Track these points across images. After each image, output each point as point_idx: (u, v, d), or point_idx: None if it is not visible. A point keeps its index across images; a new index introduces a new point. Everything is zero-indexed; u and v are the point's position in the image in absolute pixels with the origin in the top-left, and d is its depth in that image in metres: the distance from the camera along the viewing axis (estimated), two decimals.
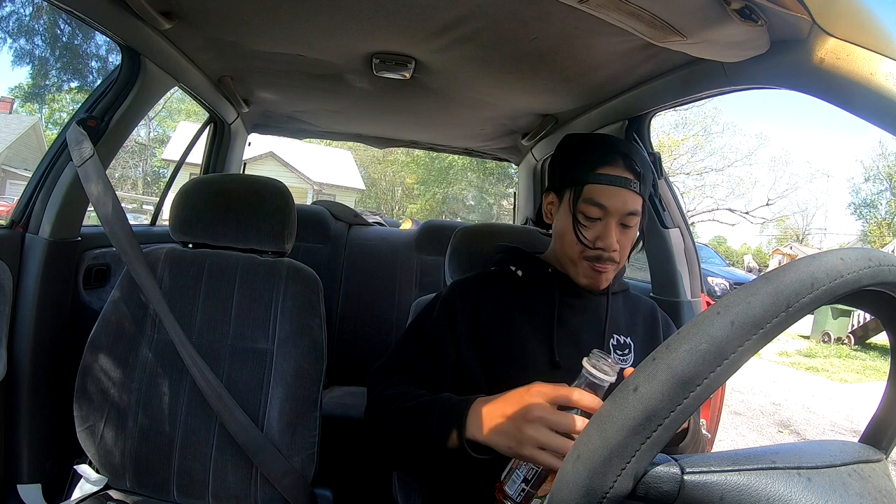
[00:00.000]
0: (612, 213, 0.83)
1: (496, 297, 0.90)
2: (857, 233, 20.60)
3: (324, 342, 1.03)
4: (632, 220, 0.84)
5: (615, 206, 0.82)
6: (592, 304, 0.90)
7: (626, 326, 0.91)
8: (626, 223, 0.84)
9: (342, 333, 1.92)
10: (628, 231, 0.85)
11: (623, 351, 0.88)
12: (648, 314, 0.95)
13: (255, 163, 13.74)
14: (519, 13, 0.93)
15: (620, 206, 0.82)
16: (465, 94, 1.46)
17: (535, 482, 0.60)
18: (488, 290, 0.91)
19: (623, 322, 0.91)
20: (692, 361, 0.30)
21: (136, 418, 0.98)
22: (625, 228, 0.85)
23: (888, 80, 0.58)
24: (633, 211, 0.83)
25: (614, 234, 0.83)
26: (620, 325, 0.90)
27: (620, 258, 0.86)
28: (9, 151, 14.15)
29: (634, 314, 0.94)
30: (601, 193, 0.83)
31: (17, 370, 1.08)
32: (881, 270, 0.33)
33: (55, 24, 13.29)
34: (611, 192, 0.82)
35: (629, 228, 0.85)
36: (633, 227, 0.85)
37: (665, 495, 0.31)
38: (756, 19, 0.68)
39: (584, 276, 0.87)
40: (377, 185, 23.26)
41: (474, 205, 21.09)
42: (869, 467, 0.37)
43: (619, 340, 0.89)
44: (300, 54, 1.25)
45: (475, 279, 0.95)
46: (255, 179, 1.14)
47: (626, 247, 0.86)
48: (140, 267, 1.01)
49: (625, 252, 0.87)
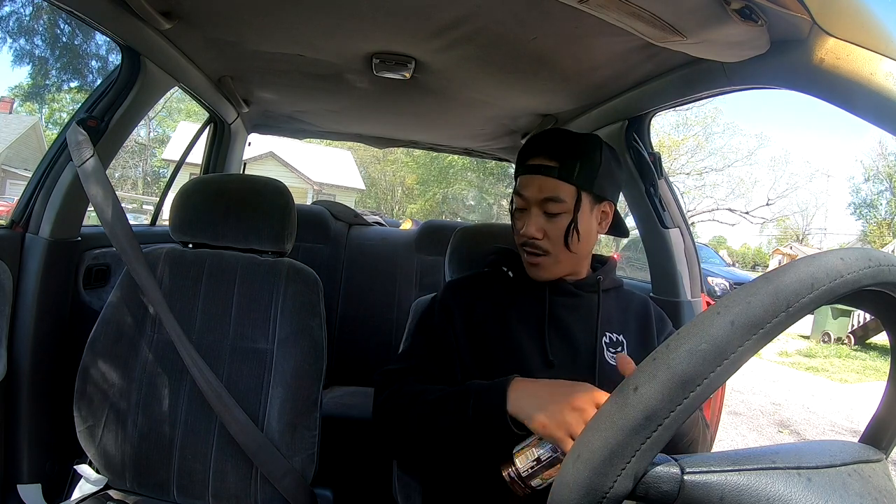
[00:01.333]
0: (530, 200, 0.85)
1: (489, 298, 0.91)
2: (857, 233, 20.61)
3: (324, 342, 1.03)
4: (553, 206, 0.83)
5: (531, 194, 0.85)
6: (584, 302, 0.90)
7: (619, 323, 0.91)
8: (548, 210, 0.84)
9: (342, 333, 1.92)
10: (554, 220, 0.84)
11: (615, 349, 0.88)
12: (641, 309, 0.95)
13: (255, 163, 13.73)
14: (519, 13, 0.93)
15: (535, 192, 0.84)
16: (465, 94, 1.46)
17: (546, 464, 0.64)
18: (481, 291, 0.93)
19: (616, 319, 0.91)
20: (692, 361, 0.30)
21: (136, 418, 0.98)
22: (549, 217, 0.84)
23: (888, 80, 0.58)
24: (551, 197, 0.83)
25: (533, 222, 0.84)
26: (613, 323, 0.90)
27: (552, 248, 0.85)
28: (9, 151, 14.15)
29: (626, 310, 0.94)
30: (522, 183, 0.86)
31: (17, 370, 1.08)
32: (881, 270, 0.33)
33: (55, 24, 13.28)
34: (527, 181, 0.85)
35: (554, 217, 0.84)
36: (560, 214, 0.84)
37: (665, 495, 0.31)
38: (756, 19, 0.68)
39: (526, 268, 0.89)
40: (377, 185, 23.26)
41: (474, 205, 21.09)
42: (869, 467, 0.37)
43: (612, 338, 0.89)
44: (300, 54, 1.25)
45: (468, 280, 0.97)
46: (255, 179, 1.14)
47: (556, 236, 0.85)
48: (140, 267, 1.01)
49: (555, 242, 0.85)
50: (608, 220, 0.91)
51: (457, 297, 0.92)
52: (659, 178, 1.32)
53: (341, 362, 1.88)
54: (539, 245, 0.85)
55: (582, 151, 0.84)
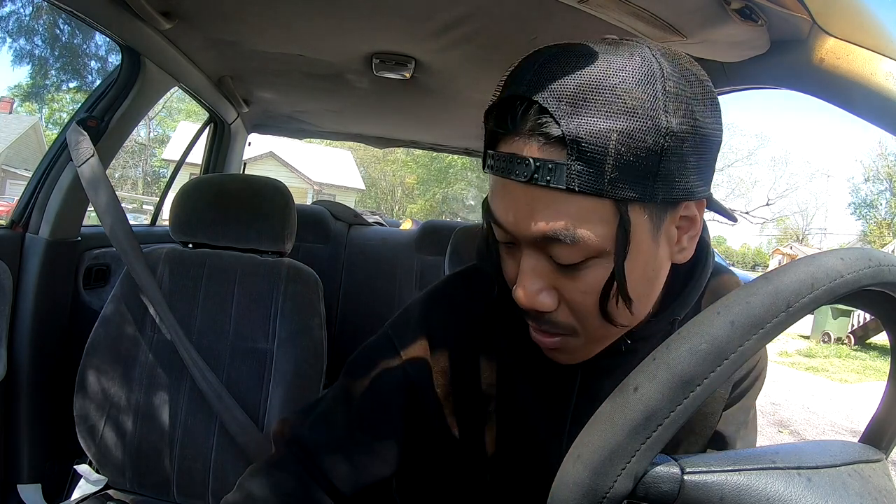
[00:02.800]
0: (516, 235, 0.42)
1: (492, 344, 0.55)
2: (857, 233, 20.63)
3: (324, 342, 1.03)
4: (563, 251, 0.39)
5: (514, 223, 0.41)
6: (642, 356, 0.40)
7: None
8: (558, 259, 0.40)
9: (342, 333, 1.92)
10: (575, 273, 0.41)
11: None
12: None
13: (255, 163, 13.74)
14: (519, 13, 0.93)
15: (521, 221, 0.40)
16: (465, 94, 1.46)
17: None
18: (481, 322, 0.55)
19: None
20: (692, 361, 0.30)
21: (136, 418, 0.98)
22: (565, 271, 0.41)
23: (888, 80, 0.58)
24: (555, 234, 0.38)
25: (531, 277, 0.42)
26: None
27: (581, 324, 0.43)
28: (9, 151, 14.15)
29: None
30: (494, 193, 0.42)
31: (17, 370, 1.08)
32: (881, 270, 0.33)
33: (55, 24, 13.29)
34: (503, 194, 0.41)
35: (574, 271, 0.41)
36: (584, 262, 0.40)
37: (665, 495, 0.31)
38: (756, 19, 0.68)
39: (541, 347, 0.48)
40: (377, 185, 23.27)
41: (474, 205, 21.07)
42: (869, 467, 0.37)
43: None
44: (300, 54, 1.25)
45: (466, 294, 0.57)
46: (255, 179, 1.14)
47: (582, 302, 0.42)
48: (140, 267, 1.01)
49: (582, 313, 0.43)
50: (696, 230, 0.44)
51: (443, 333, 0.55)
52: None
53: (341, 362, 1.86)
54: (554, 320, 0.44)
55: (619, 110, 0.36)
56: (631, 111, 0.36)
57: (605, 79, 0.37)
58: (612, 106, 0.36)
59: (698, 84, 0.40)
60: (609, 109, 0.36)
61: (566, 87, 0.37)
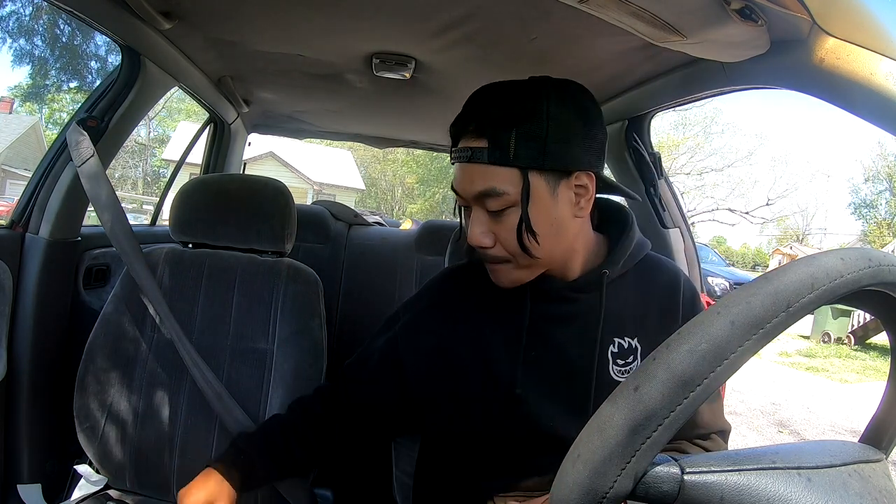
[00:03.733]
0: (465, 197, 0.66)
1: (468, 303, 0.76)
2: (857, 233, 20.63)
3: (324, 342, 1.03)
4: (492, 202, 0.63)
5: (463, 188, 0.65)
6: (583, 306, 0.70)
7: (634, 322, 0.71)
8: (489, 208, 0.64)
9: (342, 333, 1.92)
10: (501, 218, 0.64)
11: (626, 358, 0.70)
12: (667, 293, 0.74)
13: (255, 163, 13.73)
14: (519, 13, 0.93)
15: (467, 186, 0.65)
16: (465, 94, 1.44)
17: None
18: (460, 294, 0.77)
19: (630, 315, 0.71)
20: (692, 361, 0.30)
21: (137, 418, 0.98)
22: (495, 216, 0.64)
23: (888, 80, 0.58)
24: (486, 190, 0.62)
25: (475, 224, 0.65)
26: (625, 323, 0.71)
27: (510, 254, 0.65)
28: (9, 151, 14.15)
29: (647, 297, 0.73)
30: (455, 175, 0.67)
31: (17, 370, 1.08)
32: (881, 270, 0.33)
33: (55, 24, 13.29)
34: (458, 172, 0.66)
35: (500, 215, 0.64)
36: (506, 210, 0.63)
37: (665, 495, 0.31)
38: (756, 19, 0.68)
39: (492, 277, 0.71)
40: (377, 185, 23.27)
41: None
42: (869, 467, 0.37)
43: (622, 345, 0.70)
44: (300, 54, 1.25)
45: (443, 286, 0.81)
46: (255, 179, 1.14)
47: (507, 239, 0.64)
48: (140, 267, 1.01)
49: (508, 245, 0.65)
50: (590, 195, 0.66)
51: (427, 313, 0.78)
52: (659, 178, 1.32)
53: (341, 362, 1.86)
54: (492, 254, 0.66)
55: (517, 114, 0.62)
56: (524, 116, 0.62)
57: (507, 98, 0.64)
58: (513, 112, 0.62)
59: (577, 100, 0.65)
60: (510, 115, 0.62)
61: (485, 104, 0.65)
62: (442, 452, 0.80)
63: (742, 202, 19.79)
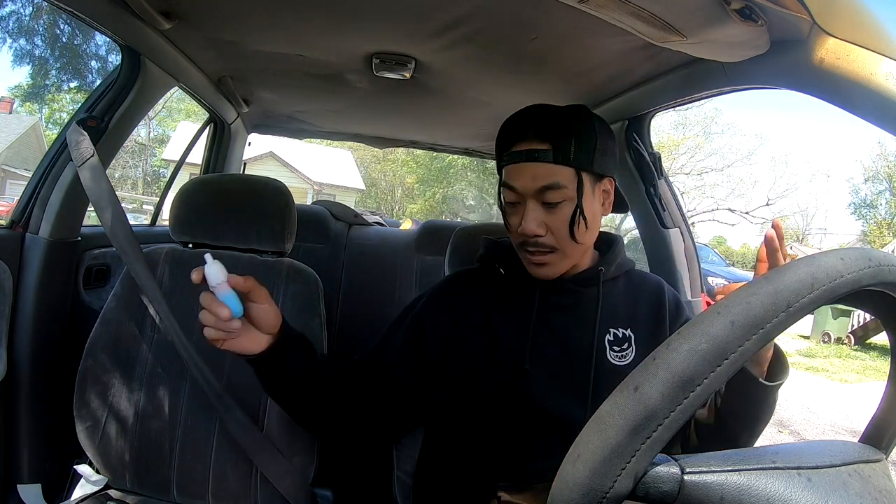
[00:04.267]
0: (523, 193, 0.75)
1: (478, 298, 0.85)
2: (857, 233, 20.61)
3: (324, 342, 1.03)
4: (552, 195, 0.74)
5: (524, 184, 0.75)
6: (584, 298, 0.82)
7: (626, 316, 0.82)
8: (547, 200, 0.74)
9: (342, 333, 1.92)
10: (555, 210, 0.75)
11: (622, 345, 0.80)
12: (653, 296, 0.85)
13: (255, 163, 13.73)
14: (519, 13, 0.93)
15: (529, 182, 0.74)
16: (465, 94, 1.46)
17: None
18: (470, 291, 0.87)
19: (622, 311, 0.83)
20: (692, 361, 0.30)
21: (137, 418, 0.98)
22: (549, 207, 0.75)
23: (888, 80, 0.58)
24: (549, 184, 0.74)
25: (532, 216, 0.74)
26: (619, 316, 0.82)
27: (558, 243, 0.76)
28: (9, 151, 14.15)
29: (637, 299, 0.85)
30: (511, 174, 0.76)
31: (17, 370, 1.08)
32: (881, 270, 0.33)
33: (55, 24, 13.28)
34: (518, 171, 0.75)
35: (555, 206, 0.75)
36: (562, 203, 0.75)
37: (665, 495, 0.31)
38: (756, 19, 0.68)
39: (529, 268, 0.80)
40: (377, 185, 23.26)
41: (474, 205, 21.08)
42: (869, 467, 0.37)
43: (617, 335, 0.81)
44: (300, 54, 1.25)
45: (463, 276, 0.91)
46: (255, 179, 1.14)
47: (560, 228, 0.75)
48: (140, 267, 1.01)
49: (560, 235, 0.76)
50: (611, 199, 0.83)
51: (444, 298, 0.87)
52: (659, 178, 1.32)
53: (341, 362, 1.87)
54: (543, 242, 0.76)
55: (575, 127, 0.76)
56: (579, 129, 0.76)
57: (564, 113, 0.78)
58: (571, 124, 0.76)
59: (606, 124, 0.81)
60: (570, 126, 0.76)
61: (544, 116, 0.77)
62: (443, 446, 0.83)
63: (742, 202, 19.78)
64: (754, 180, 20.77)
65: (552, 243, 0.76)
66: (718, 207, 19.10)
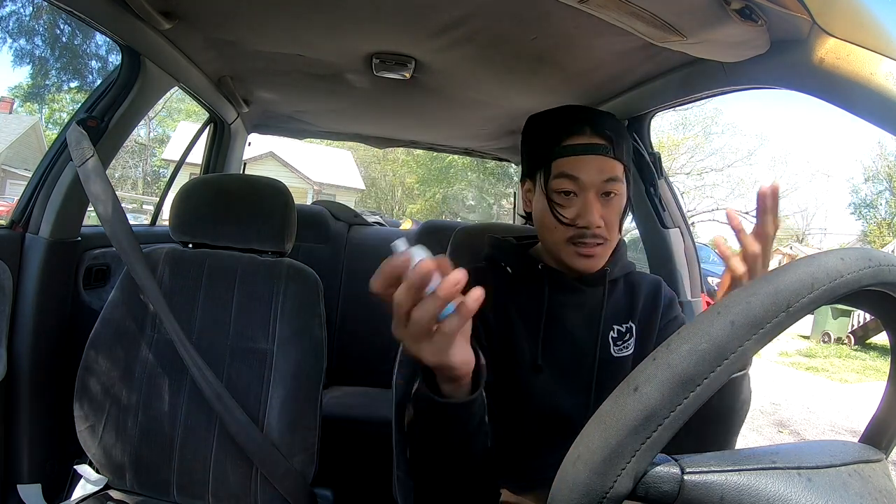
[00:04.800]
0: (587, 185, 0.76)
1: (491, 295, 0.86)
2: (857, 233, 20.60)
3: (324, 342, 1.03)
4: (614, 186, 0.77)
5: (590, 177, 0.76)
6: (589, 297, 0.84)
7: (627, 312, 0.86)
8: (609, 191, 0.77)
9: (342, 333, 1.92)
10: (612, 201, 0.78)
11: (624, 339, 0.84)
12: (651, 293, 0.89)
13: (255, 163, 13.72)
14: (519, 13, 0.93)
15: (595, 174, 0.76)
16: (465, 94, 1.46)
17: None
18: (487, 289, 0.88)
19: (623, 309, 0.86)
20: (692, 361, 0.30)
21: (137, 418, 0.98)
22: (607, 198, 0.77)
23: (888, 80, 0.58)
24: (613, 177, 0.77)
25: (595, 207, 0.76)
26: (620, 313, 0.86)
27: (610, 234, 0.78)
28: (9, 151, 14.14)
29: (635, 295, 0.88)
30: (571, 165, 0.76)
31: (17, 370, 1.08)
32: (881, 270, 0.33)
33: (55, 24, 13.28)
34: (581, 163, 0.76)
35: (612, 198, 0.78)
36: (618, 195, 0.78)
37: (665, 495, 0.31)
38: (756, 19, 0.68)
39: (575, 261, 0.79)
40: (377, 185, 23.26)
41: (474, 205, 21.07)
42: (869, 467, 0.37)
43: (620, 330, 0.84)
44: (300, 54, 1.25)
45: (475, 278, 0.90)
46: (255, 179, 1.14)
47: (613, 220, 0.78)
48: (140, 267, 1.01)
49: (612, 227, 0.78)
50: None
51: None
52: (659, 178, 1.32)
53: (341, 362, 1.87)
54: (599, 234, 0.77)
55: (620, 126, 0.80)
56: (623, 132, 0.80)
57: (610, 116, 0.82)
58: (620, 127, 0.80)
59: None
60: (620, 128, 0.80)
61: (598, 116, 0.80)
62: None
63: (742, 202, 19.75)
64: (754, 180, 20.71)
65: (605, 235, 0.78)
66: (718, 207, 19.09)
